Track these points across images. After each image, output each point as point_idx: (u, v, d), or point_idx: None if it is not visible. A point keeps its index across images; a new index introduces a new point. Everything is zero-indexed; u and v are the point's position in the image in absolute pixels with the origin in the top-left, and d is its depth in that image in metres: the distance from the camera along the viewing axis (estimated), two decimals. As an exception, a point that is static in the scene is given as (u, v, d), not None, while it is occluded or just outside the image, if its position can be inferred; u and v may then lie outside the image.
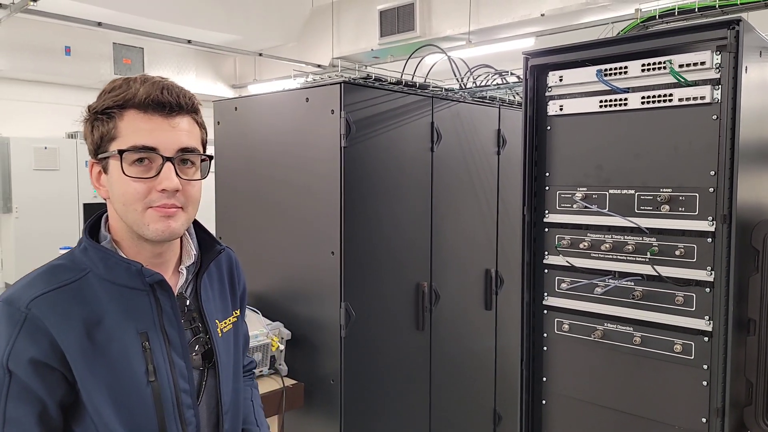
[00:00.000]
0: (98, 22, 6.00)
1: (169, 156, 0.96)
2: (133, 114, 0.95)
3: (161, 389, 0.96)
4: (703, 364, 1.35)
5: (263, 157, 2.40)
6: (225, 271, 1.20)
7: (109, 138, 0.96)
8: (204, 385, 1.06)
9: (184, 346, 1.01)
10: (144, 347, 0.96)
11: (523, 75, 1.58)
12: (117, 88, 0.96)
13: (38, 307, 0.91)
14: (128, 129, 0.95)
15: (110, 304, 0.96)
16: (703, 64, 1.30)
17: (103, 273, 0.97)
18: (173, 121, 0.97)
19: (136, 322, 0.97)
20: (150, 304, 0.99)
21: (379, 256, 2.25)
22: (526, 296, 1.61)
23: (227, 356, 1.11)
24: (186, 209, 1.00)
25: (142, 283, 0.98)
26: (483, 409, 2.79)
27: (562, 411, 1.60)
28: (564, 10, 4.71)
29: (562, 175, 1.55)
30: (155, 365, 0.96)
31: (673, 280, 1.37)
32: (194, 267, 1.11)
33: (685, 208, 1.35)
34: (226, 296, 1.18)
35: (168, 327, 1.00)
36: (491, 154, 2.72)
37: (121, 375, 0.94)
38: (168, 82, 0.99)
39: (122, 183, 0.95)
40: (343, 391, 2.14)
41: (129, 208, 0.96)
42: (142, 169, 0.95)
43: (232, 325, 1.16)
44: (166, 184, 0.95)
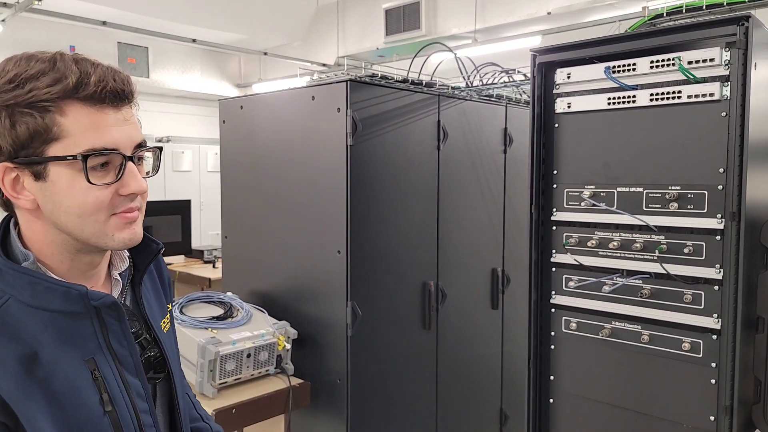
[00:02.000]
0: (103, 21, 6.01)
1: (128, 155, 0.82)
2: (78, 107, 0.78)
3: (120, 417, 0.85)
4: (711, 362, 1.35)
5: (269, 156, 2.41)
6: (152, 266, 1.04)
7: (46, 138, 0.78)
8: (156, 398, 0.97)
9: (137, 363, 0.90)
10: (93, 375, 0.83)
11: (531, 72, 1.57)
12: (43, 74, 0.78)
13: None
14: (77, 127, 0.78)
15: (43, 335, 0.80)
16: (712, 61, 1.30)
17: (29, 299, 0.81)
18: (124, 113, 0.83)
19: (79, 349, 0.83)
20: (93, 325, 0.85)
21: (385, 255, 2.25)
22: (534, 295, 1.61)
23: (174, 358, 1.02)
24: (142, 211, 0.88)
25: (83, 306, 0.83)
26: (489, 409, 2.79)
27: (570, 410, 1.60)
28: (570, 8, 4.69)
29: (570, 172, 1.55)
30: (110, 393, 0.84)
31: (682, 278, 1.37)
32: (129, 272, 0.97)
33: (694, 205, 1.34)
34: (159, 292, 1.06)
35: (117, 346, 0.87)
36: (498, 152, 2.71)
37: (73, 411, 0.81)
38: (107, 65, 0.83)
39: (79, 192, 0.80)
40: (350, 390, 2.14)
41: (88, 219, 0.81)
42: (101, 173, 0.81)
43: (170, 321, 1.05)
44: (135, 188, 0.83)
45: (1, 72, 0.79)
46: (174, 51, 7.98)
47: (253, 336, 2.14)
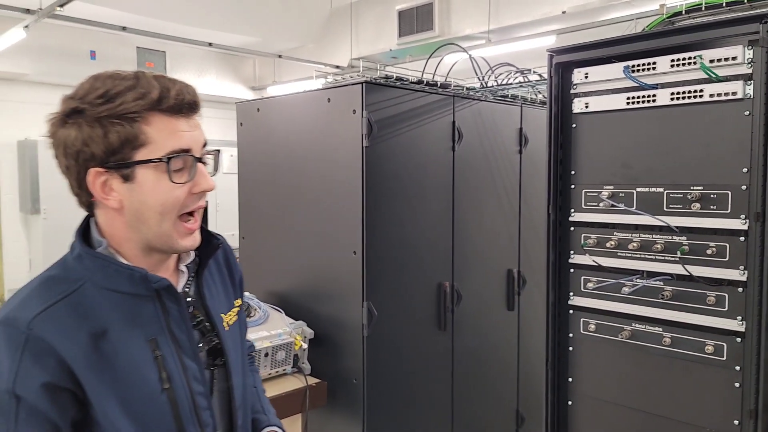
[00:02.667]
0: (123, 26, 6.10)
1: (199, 156, 0.94)
2: (160, 117, 0.90)
3: (177, 395, 0.93)
4: (735, 365, 1.32)
5: (285, 158, 2.42)
6: (221, 260, 1.16)
7: (134, 145, 0.89)
8: (214, 383, 1.03)
9: (194, 347, 0.98)
10: (155, 355, 0.92)
11: (548, 72, 1.56)
12: (129, 90, 0.89)
13: (39, 326, 0.85)
14: (159, 134, 0.90)
15: (113, 314, 0.91)
16: (735, 59, 1.28)
17: (102, 281, 0.92)
18: (193, 121, 0.95)
19: (143, 330, 0.93)
20: (156, 309, 0.94)
21: (400, 256, 2.25)
22: (551, 296, 1.60)
23: (235, 350, 1.09)
24: (199, 213, 0.99)
25: (146, 289, 0.93)
26: (506, 410, 2.77)
27: (589, 412, 1.58)
28: (586, 7, 4.65)
29: (588, 173, 1.54)
30: (168, 372, 0.93)
31: (705, 280, 1.35)
32: (194, 264, 1.07)
33: (717, 206, 1.32)
34: (227, 287, 1.14)
35: (176, 330, 0.96)
36: (513, 153, 2.70)
37: (133, 386, 0.90)
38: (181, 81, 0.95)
39: (163, 191, 0.91)
40: (366, 390, 2.14)
41: (165, 217, 0.92)
42: (179, 174, 0.92)
43: (236, 316, 1.12)
44: (206, 185, 0.94)
45: (91, 89, 0.91)
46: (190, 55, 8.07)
47: (270, 335, 2.15)
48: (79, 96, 0.92)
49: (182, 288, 1.03)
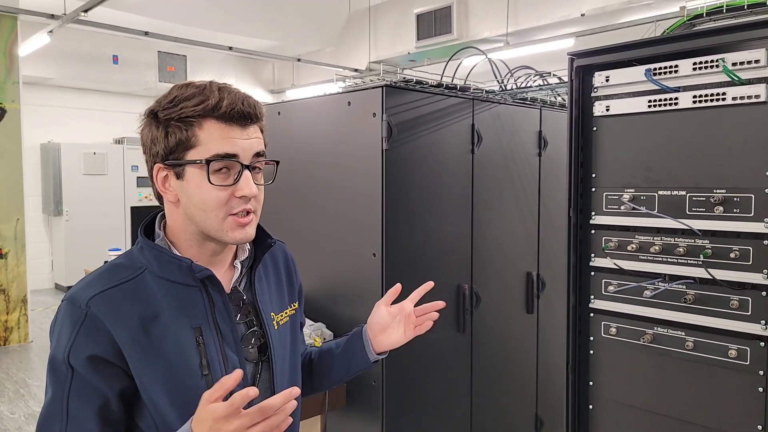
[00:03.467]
0: (145, 31, 6.22)
1: (247, 164, 0.99)
2: (213, 123, 0.97)
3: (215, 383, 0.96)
4: (759, 370, 1.31)
5: (306, 161, 2.45)
6: (281, 264, 1.22)
7: (187, 146, 0.97)
8: (258, 378, 1.07)
9: (237, 340, 1.03)
10: (198, 341, 0.99)
11: (569, 76, 1.57)
12: (193, 97, 0.98)
13: (96, 305, 0.95)
14: (209, 138, 0.97)
15: (165, 300, 0.99)
16: (758, 62, 1.27)
17: (157, 270, 1.01)
18: (249, 130, 1.00)
19: (189, 318, 1.00)
20: (203, 299, 1.01)
21: (420, 258, 2.26)
22: (572, 299, 1.60)
23: (283, 348, 1.13)
24: (256, 213, 1.04)
25: (193, 279, 1.01)
26: (524, 413, 2.76)
27: (610, 416, 1.58)
28: (605, 10, 4.62)
29: (609, 176, 1.54)
30: (209, 359, 0.99)
31: (728, 284, 1.34)
32: (248, 261, 1.13)
33: (740, 209, 1.31)
34: (283, 289, 1.20)
35: (220, 321, 1.02)
36: (532, 155, 2.70)
37: (177, 369, 0.97)
38: (243, 92, 1.02)
39: (204, 190, 0.98)
40: (385, 392, 2.15)
41: (210, 214, 0.99)
42: (222, 176, 0.98)
43: (289, 317, 1.17)
44: (247, 191, 0.99)
45: (167, 95, 1.01)
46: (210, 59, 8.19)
47: (290, 337, 2.17)
48: (158, 100, 1.02)
49: (234, 283, 1.09)
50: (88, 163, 7.69)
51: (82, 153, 7.65)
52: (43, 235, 7.99)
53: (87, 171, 7.66)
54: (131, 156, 7.90)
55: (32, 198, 7.37)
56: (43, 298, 7.44)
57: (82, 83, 7.77)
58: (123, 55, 7.61)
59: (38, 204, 7.91)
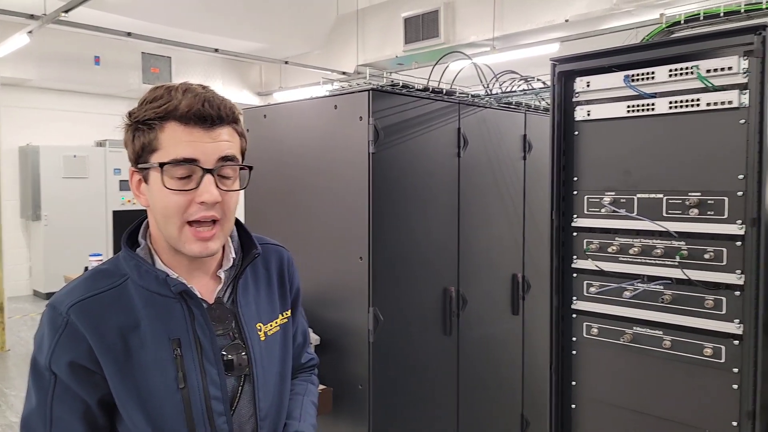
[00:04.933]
0: (128, 32, 6.15)
1: (209, 168, 0.95)
2: (174, 126, 0.94)
3: (191, 396, 0.96)
4: (733, 367, 1.35)
5: (292, 164, 2.46)
6: (274, 271, 1.17)
7: (150, 149, 0.95)
8: (240, 392, 1.04)
9: (216, 352, 1.00)
10: (175, 354, 0.96)
11: (551, 81, 1.60)
12: (158, 99, 0.95)
13: (76, 312, 0.94)
14: (169, 141, 0.93)
15: (145, 311, 0.97)
16: (730, 69, 1.32)
17: (138, 280, 0.98)
18: (213, 133, 0.95)
19: (168, 329, 0.97)
20: (182, 311, 0.98)
21: (406, 261, 2.28)
22: (555, 300, 1.63)
23: (270, 360, 1.09)
24: (223, 223, 0.99)
25: (170, 291, 0.98)
26: (510, 414, 2.79)
27: (592, 415, 1.61)
28: (588, 16, 4.69)
29: (590, 179, 1.57)
30: (185, 372, 0.96)
31: (703, 284, 1.38)
32: (234, 270, 1.08)
33: (714, 211, 1.36)
34: (274, 297, 1.15)
35: (200, 334, 0.99)
36: (517, 159, 2.74)
37: (153, 381, 0.95)
38: (209, 93, 0.97)
39: (163, 195, 0.94)
40: (372, 396, 2.16)
41: (168, 220, 0.96)
42: (183, 181, 0.94)
43: (279, 327, 1.13)
44: (206, 197, 0.94)
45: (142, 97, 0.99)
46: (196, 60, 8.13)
47: (277, 340, 2.18)
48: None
49: (217, 293, 1.06)
50: (69, 166, 7.49)
51: (62, 156, 7.43)
52: (21, 241, 7.74)
53: (67, 174, 7.47)
54: (113, 159, 7.71)
55: (10, 202, 7.16)
56: (21, 305, 7.21)
57: (62, 84, 7.63)
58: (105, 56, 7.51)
59: (16, 208, 7.66)
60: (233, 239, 1.12)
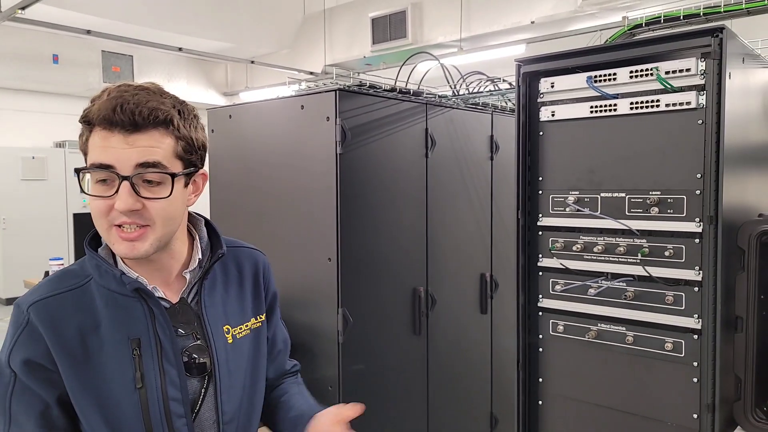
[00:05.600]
0: (87, 29, 5.98)
1: (126, 174, 0.91)
2: (98, 130, 0.92)
3: (148, 397, 0.95)
4: (693, 361, 1.39)
5: (258, 165, 2.42)
6: (248, 273, 1.16)
7: (85, 152, 0.96)
8: (204, 394, 1.03)
9: (177, 353, 0.99)
10: (133, 353, 0.96)
11: (516, 82, 1.61)
12: (96, 100, 0.94)
13: (35, 311, 0.95)
14: (92, 145, 0.93)
15: (106, 310, 0.97)
16: (689, 71, 1.35)
17: (99, 280, 0.99)
18: (131, 138, 0.91)
19: (128, 329, 0.97)
20: (143, 310, 0.98)
21: (375, 262, 2.27)
22: (521, 298, 1.64)
23: (237, 363, 1.07)
24: (154, 227, 0.95)
25: (127, 289, 0.98)
26: (480, 412, 2.82)
27: (559, 411, 1.63)
28: (554, 18, 4.78)
29: (555, 179, 1.59)
30: (143, 372, 0.96)
31: (663, 280, 1.41)
32: (200, 271, 1.08)
33: (674, 210, 1.39)
34: (246, 300, 1.14)
35: (160, 333, 0.98)
36: (485, 159, 2.76)
37: (110, 381, 0.95)
38: (128, 96, 0.92)
39: (90, 199, 0.95)
40: (341, 397, 2.15)
41: (96, 223, 0.97)
42: (104, 187, 0.93)
43: (250, 330, 1.12)
44: (119, 205, 0.92)
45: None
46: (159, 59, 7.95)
47: (244, 344, 2.14)
48: None
49: (182, 293, 1.06)
50: (27, 168, 7.31)
51: (20, 157, 7.26)
52: (-22, 244, 7.55)
53: (25, 176, 7.28)
54: (73, 160, 7.54)
55: (-35, 206, 6.99)
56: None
57: (19, 84, 7.39)
58: (64, 55, 7.29)
59: (-28, 211, 7.46)
60: (202, 240, 1.11)
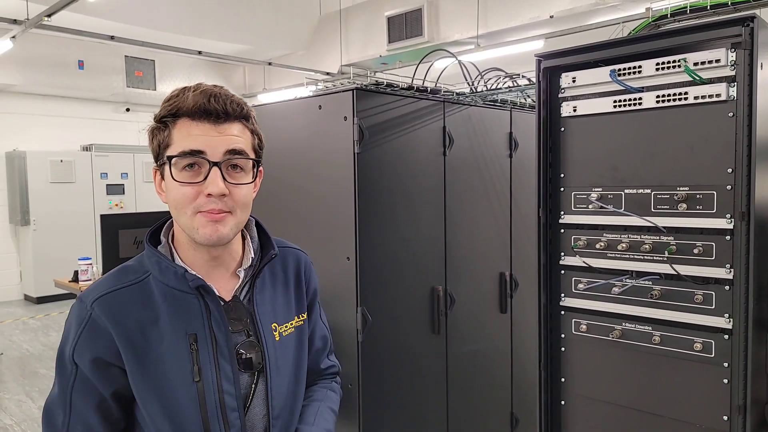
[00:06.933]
0: (111, 35, 6.09)
1: (216, 161, 0.98)
2: (184, 121, 0.99)
3: (205, 390, 0.99)
4: (723, 362, 1.35)
5: (278, 165, 2.43)
6: (292, 273, 1.20)
7: (164, 145, 1.00)
8: (254, 389, 1.06)
9: (231, 349, 1.03)
10: (191, 348, 1.00)
11: (536, 77, 1.58)
12: (173, 98, 1.00)
13: (99, 306, 0.99)
14: (179, 136, 0.99)
15: (164, 305, 1.01)
16: (718, 62, 1.30)
17: (158, 276, 1.03)
18: (221, 127, 1.00)
19: (186, 324, 1.01)
20: (200, 306, 1.02)
21: (394, 261, 2.26)
22: (543, 297, 1.61)
23: (284, 361, 1.11)
24: (235, 213, 1.02)
25: (189, 286, 1.02)
26: (500, 412, 2.78)
27: (582, 412, 1.60)
28: (573, 11, 4.70)
29: (577, 176, 1.56)
30: (200, 366, 1.00)
31: (692, 279, 1.37)
32: (252, 270, 1.12)
33: (703, 206, 1.35)
34: (290, 298, 1.17)
35: (216, 330, 1.02)
36: (503, 157, 2.72)
37: (170, 373, 0.99)
38: (218, 90, 1.02)
39: (173, 187, 0.99)
40: (361, 395, 2.15)
41: (180, 211, 1.00)
42: (191, 174, 0.99)
43: (294, 329, 1.15)
44: (212, 189, 0.98)
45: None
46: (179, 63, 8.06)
47: (264, 344, 2.15)
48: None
49: (235, 291, 1.09)
50: (55, 171, 7.51)
51: (49, 161, 7.47)
52: (11, 246, 7.81)
53: (54, 179, 7.48)
54: (100, 163, 7.73)
55: (-1, 208, 7.23)
56: (12, 310, 7.28)
57: (46, 89, 7.58)
58: (89, 60, 7.45)
59: (5, 214, 7.72)
60: (253, 240, 1.16)
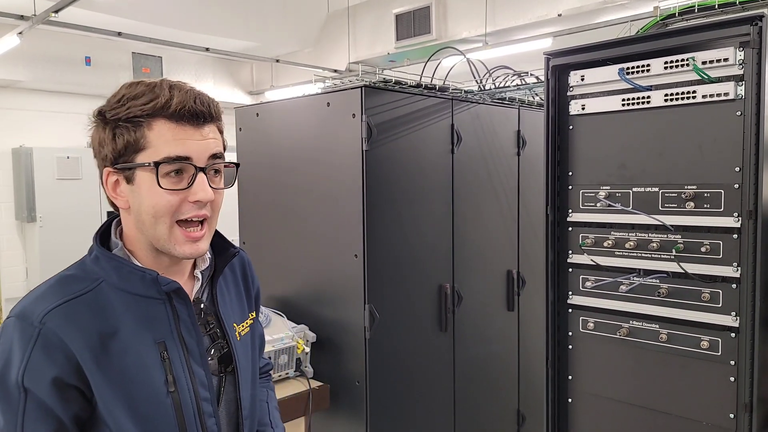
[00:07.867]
0: (118, 32, 6.11)
1: (201, 166, 0.93)
2: (163, 123, 0.91)
3: (182, 400, 0.94)
4: (730, 360, 1.35)
5: (285, 163, 2.44)
6: (239, 273, 1.17)
7: (135, 148, 0.91)
8: (222, 391, 1.03)
9: (203, 353, 0.98)
10: (162, 357, 0.93)
11: (545, 75, 1.59)
12: (142, 95, 0.91)
13: (52, 320, 0.87)
14: (159, 139, 0.90)
15: (125, 314, 0.92)
16: (726, 61, 1.31)
17: (117, 282, 0.94)
18: (203, 131, 0.93)
19: (152, 332, 0.94)
20: (166, 312, 0.95)
21: (401, 258, 2.27)
22: (551, 295, 1.62)
23: (246, 360, 1.09)
24: (211, 220, 0.97)
25: (157, 291, 0.95)
26: (507, 410, 2.79)
27: (589, 409, 1.61)
28: (581, 10, 4.68)
29: (585, 174, 1.56)
30: (175, 375, 0.93)
31: (699, 277, 1.38)
32: (209, 270, 1.07)
33: (710, 204, 1.35)
34: (242, 298, 1.15)
35: (186, 335, 0.97)
36: (511, 155, 2.73)
37: (140, 386, 0.91)
38: (197, 90, 0.95)
39: (154, 195, 0.91)
40: (369, 392, 2.16)
41: (158, 220, 0.92)
42: (175, 180, 0.92)
43: (249, 327, 1.13)
44: (201, 195, 0.92)
45: (116, 93, 0.95)
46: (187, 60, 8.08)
47: (272, 340, 2.17)
48: (108, 100, 0.96)
49: (195, 294, 1.04)
50: (62, 168, 7.51)
51: (56, 157, 7.47)
52: (17, 242, 7.80)
53: (61, 176, 7.49)
54: (107, 160, 7.76)
55: (4, 204, 7.20)
56: None
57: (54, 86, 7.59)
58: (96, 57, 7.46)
59: (11, 210, 7.72)
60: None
